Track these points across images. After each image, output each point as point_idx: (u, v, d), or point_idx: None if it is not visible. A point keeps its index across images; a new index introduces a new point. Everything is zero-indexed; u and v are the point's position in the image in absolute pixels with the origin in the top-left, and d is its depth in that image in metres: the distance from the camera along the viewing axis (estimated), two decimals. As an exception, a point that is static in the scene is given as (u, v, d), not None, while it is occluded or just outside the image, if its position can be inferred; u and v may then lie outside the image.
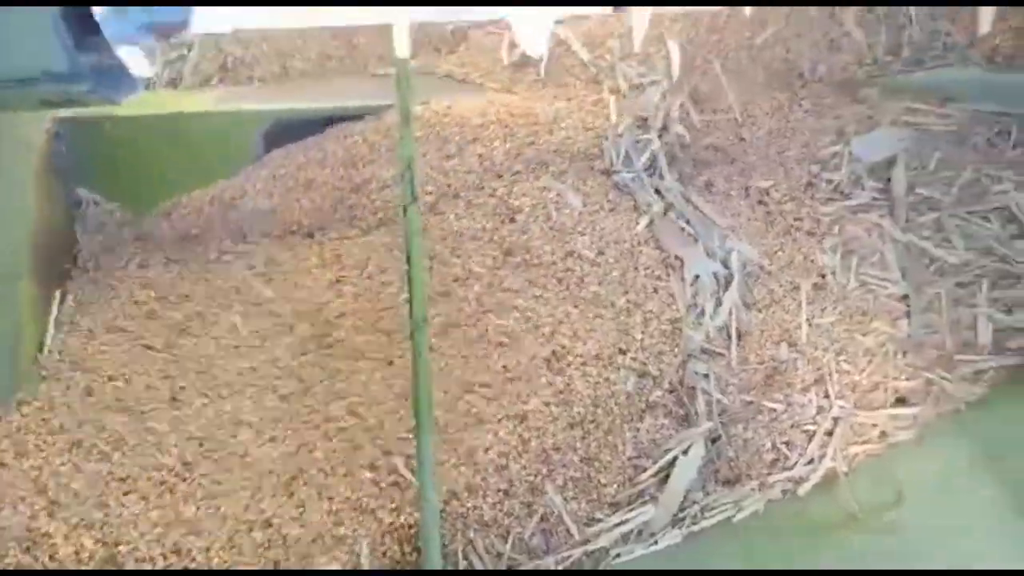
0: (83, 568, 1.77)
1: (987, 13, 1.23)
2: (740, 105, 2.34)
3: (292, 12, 1.18)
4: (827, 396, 2.01)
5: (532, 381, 1.98)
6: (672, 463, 1.91)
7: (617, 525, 1.85)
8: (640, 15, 1.15)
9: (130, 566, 1.77)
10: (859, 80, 2.37)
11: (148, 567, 1.77)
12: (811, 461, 1.95)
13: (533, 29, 1.18)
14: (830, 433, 1.97)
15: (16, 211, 2.02)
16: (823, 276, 2.12)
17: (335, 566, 1.78)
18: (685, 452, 1.91)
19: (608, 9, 1.17)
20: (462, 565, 1.81)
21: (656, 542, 1.85)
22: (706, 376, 1.99)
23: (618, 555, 1.84)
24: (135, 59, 1.10)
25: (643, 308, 2.07)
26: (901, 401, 2.02)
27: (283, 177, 2.30)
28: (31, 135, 2.09)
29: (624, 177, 2.23)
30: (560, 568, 1.82)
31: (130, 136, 2.20)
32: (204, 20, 1.15)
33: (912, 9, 2.38)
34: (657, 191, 2.22)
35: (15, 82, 0.94)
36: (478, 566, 1.81)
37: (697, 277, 2.10)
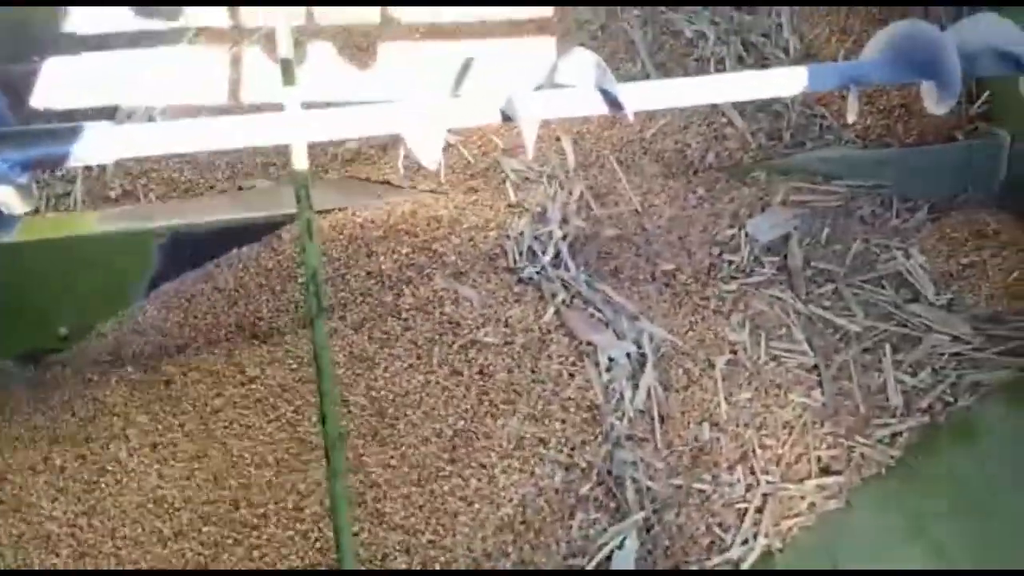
0: None
1: (853, 103, 1.32)
2: (639, 195, 2.41)
3: (177, 138, 1.15)
4: (753, 472, 2.00)
5: (443, 477, 1.91)
6: (608, 558, 1.85)
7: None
8: (530, 121, 1.17)
9: None
10: (747, 165, 2.49)
11: None
12: (746, 541, 1.92)
13: (426, 141, 1.19)
14: (761, 510, 1.96)
15: None
16: (735, 352, 2.16)
17: None
18: (620, 546, 1.86)
19: (498, 119, 1.19)
20: None
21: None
22: (634, 464, 1.97)
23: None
24: (9, 198, 1.06)
25: (560, 396, 2.05)
26: (825, 470, 2.03)
27: (173, 311, 2.24)
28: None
29: (529, 271, 2.25)
30: None
31: (15, 265, 2.09)
32: (84, 152, 1.11)
33: (787, 97, 2.54)
34: (563, 281, 2.23)
35: None
36: None
37: (612, 360, 2.09)
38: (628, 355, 2.11)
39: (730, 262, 2.34)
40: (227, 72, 2.46)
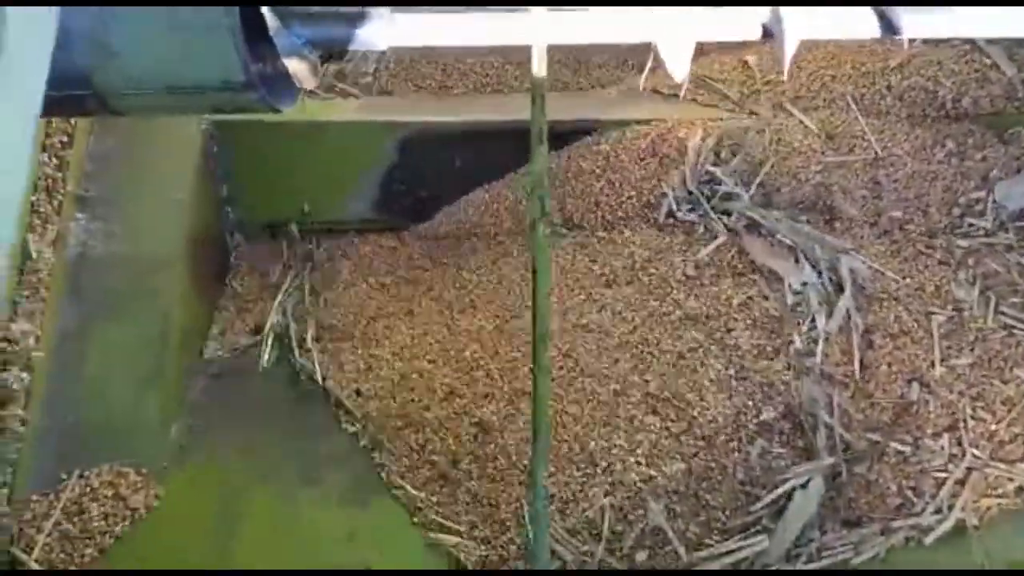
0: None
1: None
2: (878, 141, 2.25)
3: (448, 32, 1.20)
4: (960, 444, 1.90)
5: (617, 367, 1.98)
6: (789, 495, 1.84)
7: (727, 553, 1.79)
8: (792, 39, 1.12)
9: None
10: (1008, 116, 2.26)
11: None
12: (939, 510, 1.84)
13: (677, 52, 1.17)
14: (962, 483, 1.87)
15: (172, 207, 2.16)
16: (959, 311, 2.02)
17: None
18: (804, 485, 1.84)
19: (757, 34, 1.16)
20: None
21: (767, 577, 1.79)
22: (828, 407, 1.92)
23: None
24: (301, 71, 1.15)
25: (731, 306, 2.06)
26: (1042, 456, 1.89)
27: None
28: (189, 133, 2.23)
29: (722, 201, 2.21)
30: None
31: (274, 140, 2.31)
32: (363, 38, 1.19)
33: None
34: (757, 215, 2.18)
35: (193, 90, 0.96)
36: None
37: (796, 291, 2.04)
38: (821, 284, 2.04)
39: (971, 224, 2.17)
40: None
